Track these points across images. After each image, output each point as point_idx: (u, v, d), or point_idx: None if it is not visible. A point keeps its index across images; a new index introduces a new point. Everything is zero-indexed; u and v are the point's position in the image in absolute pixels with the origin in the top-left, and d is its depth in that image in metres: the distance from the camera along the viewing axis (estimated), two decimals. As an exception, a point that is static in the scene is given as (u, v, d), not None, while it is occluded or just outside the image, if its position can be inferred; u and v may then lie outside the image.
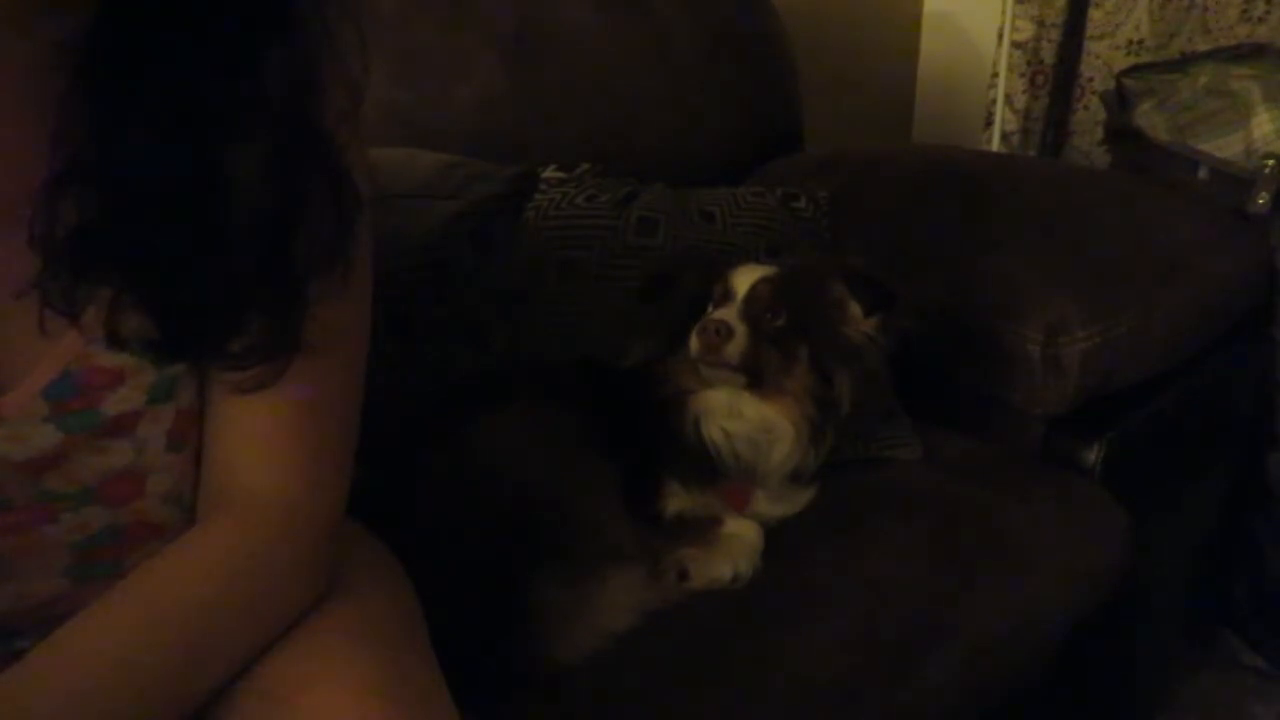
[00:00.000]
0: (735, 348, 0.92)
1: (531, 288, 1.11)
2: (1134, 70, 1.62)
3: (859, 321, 0.98)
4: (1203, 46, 1.77)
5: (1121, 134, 1.58)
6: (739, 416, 0.95)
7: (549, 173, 1.23)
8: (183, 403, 0.63)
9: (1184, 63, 1.63)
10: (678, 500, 0.96)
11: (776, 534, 0.97)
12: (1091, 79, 1.84)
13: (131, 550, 0.64)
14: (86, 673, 0.55)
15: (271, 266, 0.57)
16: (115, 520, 0.63)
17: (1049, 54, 1.82)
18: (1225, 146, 1.54)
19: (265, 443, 0.63)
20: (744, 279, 0.97)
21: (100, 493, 0.61)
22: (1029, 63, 1.81)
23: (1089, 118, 1.85)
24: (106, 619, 0.57)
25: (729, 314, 0.93)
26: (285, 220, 0.57)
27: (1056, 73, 1.83)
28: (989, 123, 1.85)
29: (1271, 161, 1.33)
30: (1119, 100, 1.60)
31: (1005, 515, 1.04)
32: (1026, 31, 1.79)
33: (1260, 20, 1.78)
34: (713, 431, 0.95)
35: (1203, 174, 1.41)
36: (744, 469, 0.96)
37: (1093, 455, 1.13)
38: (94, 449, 0.60)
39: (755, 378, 0.94)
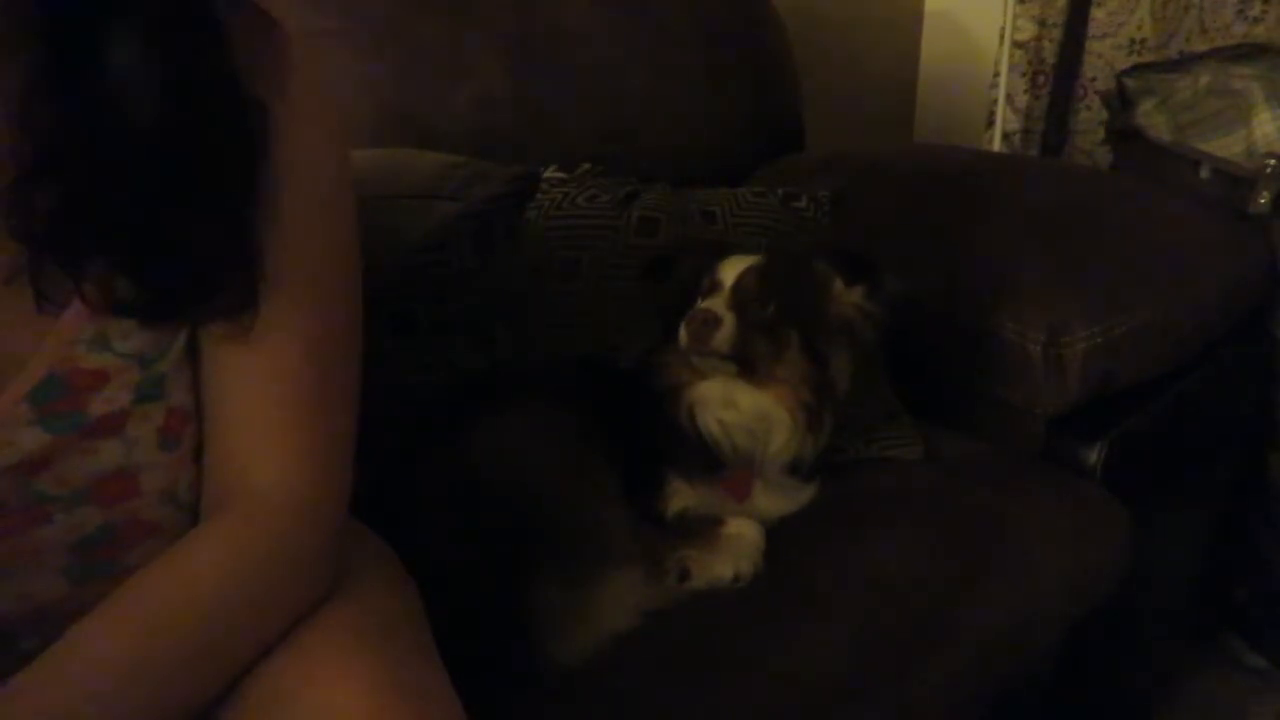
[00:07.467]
0: (724, 337, 0.92)
1: (533, 288, 1.11)
2: (1135, 70, 1.62)
3: (845, 296, 0.98)
4: (1200, 46, 1.78)
5: (1123, 134, 1.58)
6: (734, 407, 0.96)
7: (550, 173, 1.23)
8: (174, 401, 0.63)
9: (1185, 62, 1.63)
10: (681, 498, 0.96)
11: (777, 534, 0.97)
12: (1093, 79, 1.83)
13: (129, 549, 0.64)
14: (96, 675, 0.55)
15: (175, 167, 0.57)
16: (110, 520, 0.63)
17: (1050, 54, 1.82)
18: (1227, 146, 1.54)
19: (266, 434, 0.63)
20: (731, 269, 0.97)
21: (93, 493, 0.62)
22: (1030, 62, 1.81)
23: (1090, 117, 1.85)
24: (115, 621, 0.57)
25: (716, 304, 0.94)
26: (176, 121, 0.57)
27: (1058, 72, 1.82)
28: (990, 122, 1.85)
29: (1273, 161, 1.33)
30: (1120, 100, 1.60)
31: (1006, 515, 1.04)
32: (1028, 31, 1.79)
33: (1256, 20, 1.78)
34: (709, 423, 0.96)
35: (1204, 174, 1.41)
36: (743, 459, 0.97)
37: (1094, 455, 1.13)
38: (83, 450, 0.60)
39: (746, 366, 0.95)
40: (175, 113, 0.56)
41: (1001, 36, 1.80)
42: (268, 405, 0.63)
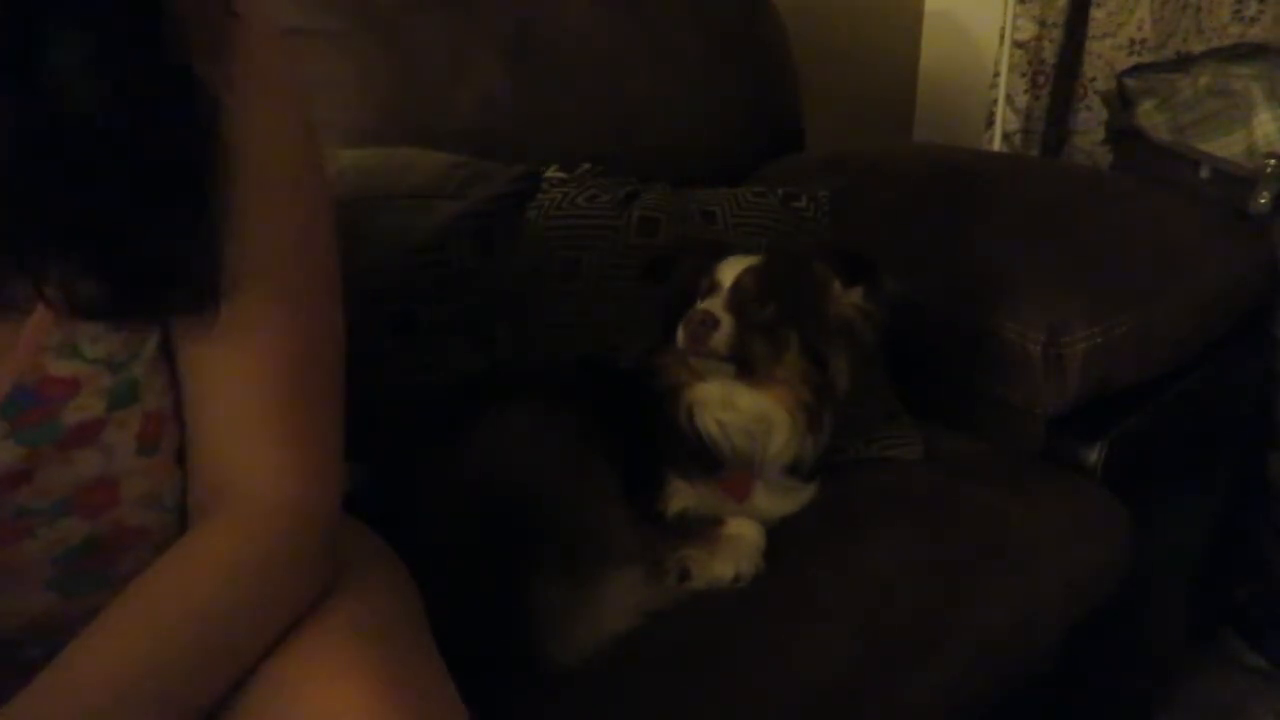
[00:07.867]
0: (721, 338, 0.92)
1: (533, 287, 1.11)
2: (1135, 70, 1.62)
3: (845, 297, 0.98)
4: (1196, 46, 1.77)
5: (1123, 134, 1.58)
6: (733, 408, 0.96)
7: (550, 173, 1.23)
8: (150, 405, 0.62)
9: (1185, 62, 1.63)
10: (681, 498, 0.96)
11: (777, 534, 0.97)
12: (1093, 79, 1.83)
13: (117, 558, 0.64)
14: (100, 689, 0.54)
15: (121, 150, 0.55)
16: (94, 530, 0.62)
17: (1050, 53, 1.82)
18: (1227, 146, 1.54)
19: (251, 434, 0.62)
20: (730, 270, 0.97)
21: (74, 504, 0.61)
22: (1030, 62, 1.81)
23: (1090, 117, 1.85)
24: (115, 632, 0.57)
25: (714, 304, 0.94)
26: (117, 103, 0.55)
27: (1058, 72, 1.83)
28: (990, 122, 1.85)
29: (1273, 161, 1.33)
30: (1120, 100, 1.60)
31: (1006, 515, 1.04)
32: (1028, 31, 1.79)
33: (1253, 20, 1.77)
34: (708, 423, 0.96)
35: (1204, 174, 1.41)
36: (742, 460, 0.97)
37: (1094, 455, 1.13)
38: (61, 460, 0.59)
39: (745, 367, 0.95)
40: (123, 108, 0.55)
41: (1001, 36, 1.80)
42: (249, 404, 0.62)
